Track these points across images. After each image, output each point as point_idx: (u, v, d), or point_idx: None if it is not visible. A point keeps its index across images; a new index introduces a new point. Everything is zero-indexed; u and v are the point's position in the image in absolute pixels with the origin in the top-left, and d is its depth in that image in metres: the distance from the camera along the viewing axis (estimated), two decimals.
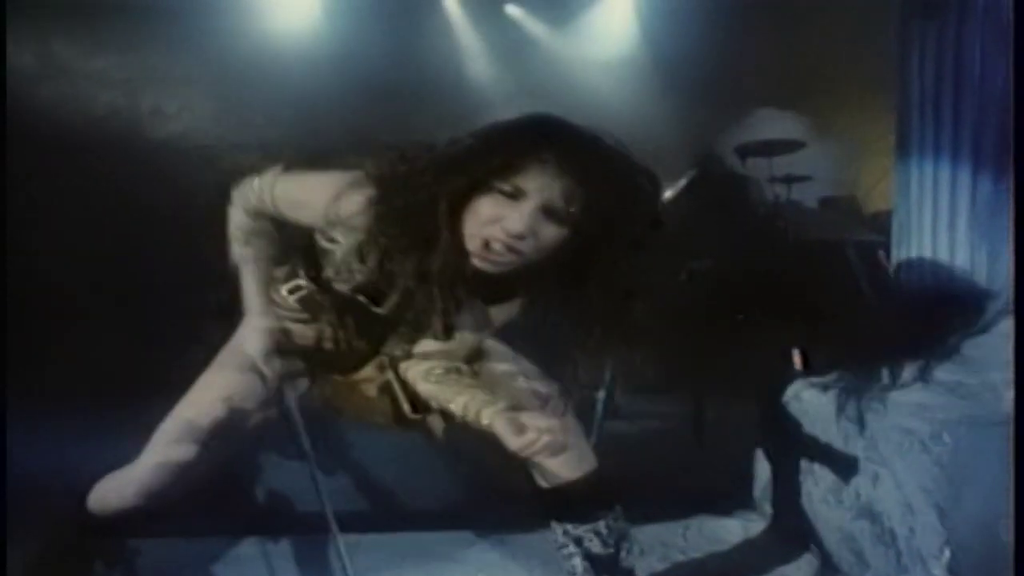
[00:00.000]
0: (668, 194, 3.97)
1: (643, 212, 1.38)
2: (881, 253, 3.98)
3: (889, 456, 1.65)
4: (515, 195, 1.19)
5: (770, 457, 2.19)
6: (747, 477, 2.39)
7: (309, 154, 1.53)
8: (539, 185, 1.19)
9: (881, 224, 4.60)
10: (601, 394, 3.53)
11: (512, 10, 5.55)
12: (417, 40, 5.05)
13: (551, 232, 1.21)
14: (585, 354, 1.46)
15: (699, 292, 3.93)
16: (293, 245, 1.54)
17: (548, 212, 1.20)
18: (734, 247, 4.05)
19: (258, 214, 1.48)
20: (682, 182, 3.95)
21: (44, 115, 4.24)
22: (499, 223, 1.19)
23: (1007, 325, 1.54)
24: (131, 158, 4.50)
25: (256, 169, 1.51)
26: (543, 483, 1.54)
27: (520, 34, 5.62)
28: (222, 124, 4.79)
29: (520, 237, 1.18)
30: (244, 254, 1.54)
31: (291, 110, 4.70)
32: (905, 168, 1.93)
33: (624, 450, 3.26)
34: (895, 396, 1.72)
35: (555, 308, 1.44)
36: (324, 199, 1.30)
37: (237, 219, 1.52)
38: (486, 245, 1.20)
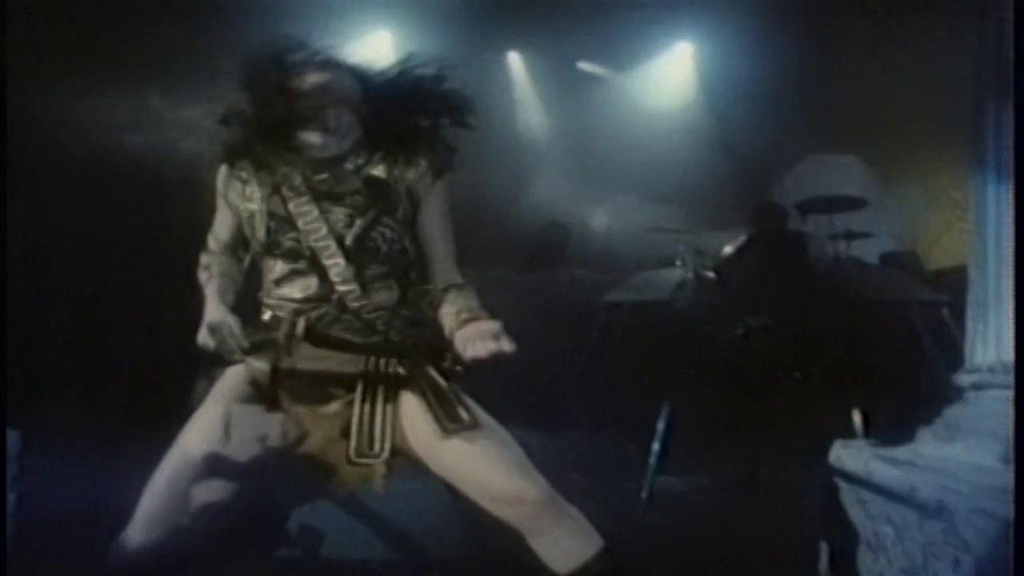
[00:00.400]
0: (728, 249, 4.00)
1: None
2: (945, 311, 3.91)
3: (971, 541, 1.61)
4: None
5: (834, 530, 2.13)
6: (808, 549, 2.29)
7: None
8: None
9: (944, 283, 4.53)
10: (656, 446, 3.53)
11: (583, 65, 5.77)
12: (479, 91, 5.24)
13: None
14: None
15: (756, 348, 3.92)
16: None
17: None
18: (793, 304, 4.04)
19: None
20: (742, 238, 3.97)
21: (134, 162, 4.55)
22: None
23: None
24: (209, 203, 4.77)
25: None
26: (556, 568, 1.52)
27: (583, 84, 5.81)
28: None
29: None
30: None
31: None
32: (981, 229, 1.89)
33: (675, 509, 3.26)
34: (974, 477, 1.69)
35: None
36: None
37: None
38: None
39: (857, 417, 3.52)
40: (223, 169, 1.74)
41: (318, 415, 1.58)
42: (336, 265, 1.56)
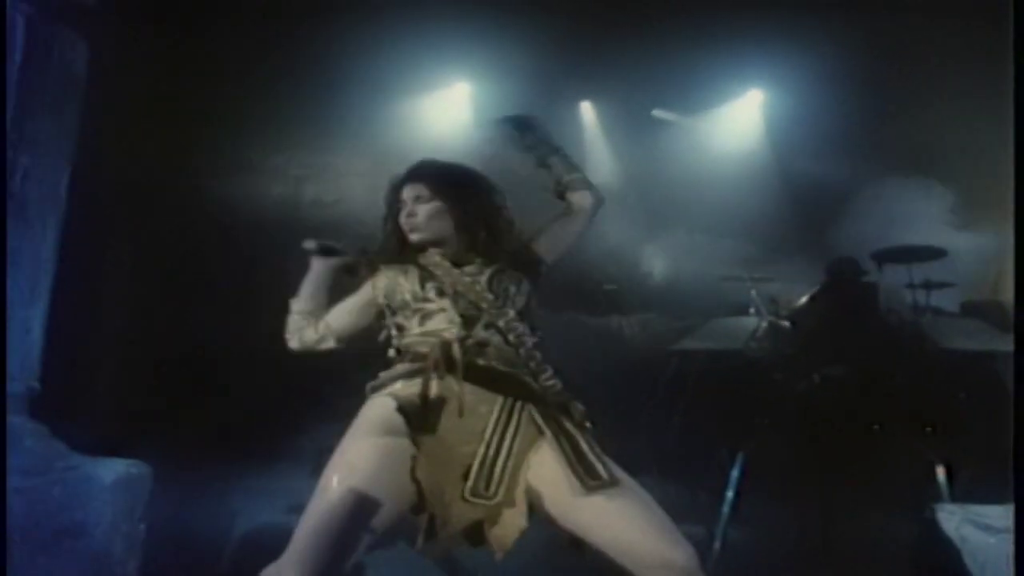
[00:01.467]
0: (802, 299, 4.03)
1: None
2: None
3: None
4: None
5: None
6: None
7: None
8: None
9: None
10: (729, 495, 3.54)
11: (657, 112, 5.93)
12: (559, 138, 5.44)
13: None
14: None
15: (831, 398, 3.90)
16: None
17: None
18: (868, 354, 4.01)
19: None
20: (816, 288, 3.99)
21: (225, 204, 4.88)
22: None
23: None
24: (290, 244, 5.07)
25: None
26: None
27: (653, 131, 5.95)
28: (373, 214, 5.32)
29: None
30: None
31: None
32: None
33: (747, 559, 3.26)
34: None
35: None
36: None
37: None
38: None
39: (941, 473, 3.47)
40: (380, 276, 1.88)
41: (450, 453, 1.61)
42: (484, 297, 1.74)
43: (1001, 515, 1.83)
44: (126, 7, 2.29)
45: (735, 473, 3.64)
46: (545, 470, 1.59)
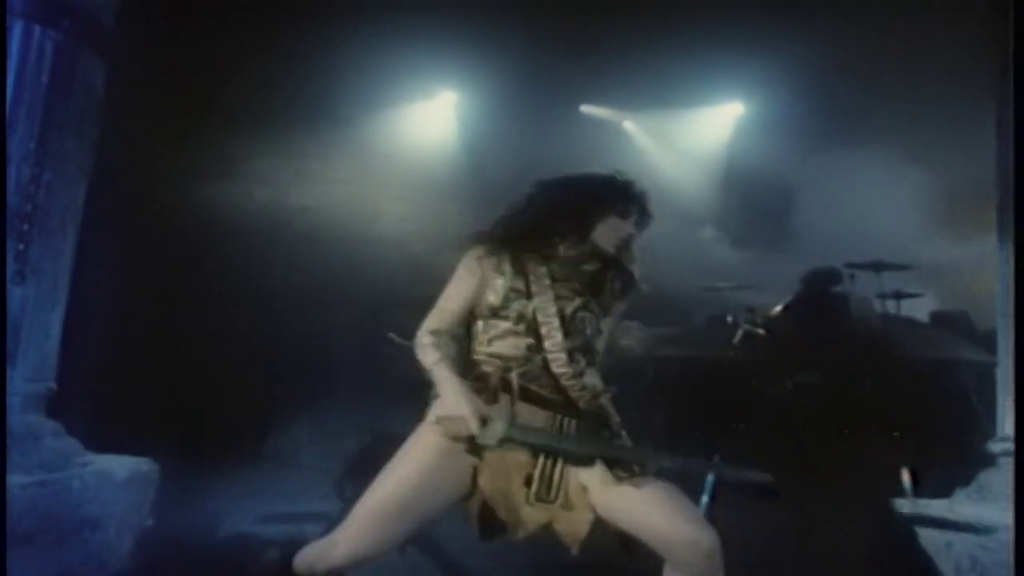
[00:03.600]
0: (777, 309, 4.28)
1: None
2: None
3: None
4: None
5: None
6: None
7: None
8: None
9: (995, 343, 4.69)
10: (704, 499, 3.76)
11: (629, 125, 6.21)
12: (542, 147, 5.66)
13: None
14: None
15: (804, 404, 4.13)
16: None
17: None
18: (841, 362, 4.26)
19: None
20: (790, 298, 4.24)
21: (209, 209, 5.03)
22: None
23: None
24: (275, 248, 5.23)
25: None
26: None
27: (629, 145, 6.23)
28: (356, 219, 5.50)
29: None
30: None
31: (420, 208, 5.37)
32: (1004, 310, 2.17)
33: (723, 562, 3.45)
34: (1004, 535, 1.94)
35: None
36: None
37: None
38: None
39: (906, 476, 3.72)
40: (479, 249, 1.97)
41: (508, 461, 1.83)
42: (553, 334, 1.87)
43: (941, 508, 2.11)
44: (140, 30, 2.47)
45: (710, 478, 3.87)
46: (586, 469, 1.83)
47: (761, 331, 4.36)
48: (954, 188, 5.38)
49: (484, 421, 1.79)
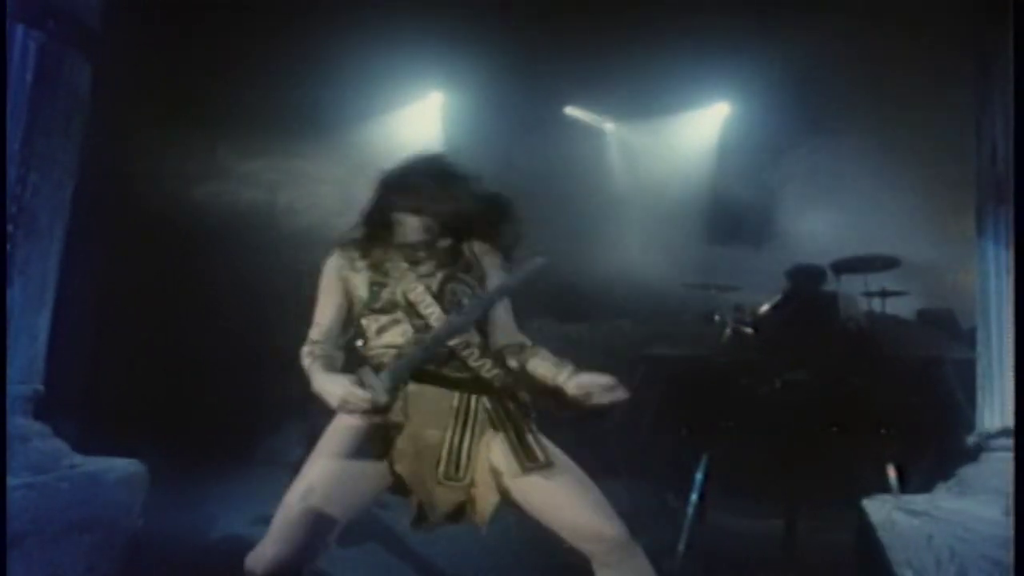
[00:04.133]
0: (764, 308, 4.32)
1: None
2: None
3: None
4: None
5: None
6: None
7: None
8: None
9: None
10: (693, 496, 3.80)
11: (614, 126, 6.26)
12: (528, 148, 5.70)
13: None
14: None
15: (792, 402, 4.18)
16: None
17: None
18: (828, 360, 4.31)
19: None
20: (778, 296, 4.28)
21: (198, 210, 5.03)
22: None
23: None
24: (264, 249, 5.24)
25: None
26: None
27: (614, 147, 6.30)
28: (345, 220, 5.51)
29: None
30: None
31: None
32: (984, 306, 2.22)
33: (712, 559, 3.50)
34: (982, 528, 1.99)
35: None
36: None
37: None
38: None
39: (892, 472, 3.77)
40: (334, 256, 2.07)
41: (419, 445, 1.85)
42: (432, 311, 1.92)
43: (923, 502, 2.16)
44: (125, 31, 2.48)
45: (699, 475, 3.90)
46: (498, 452, 1.87)
47: (749, 330, 4.40)
48: (938, 186, 5.45)
49: (361, 384, 1.82)
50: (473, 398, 1.91)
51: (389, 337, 1.94)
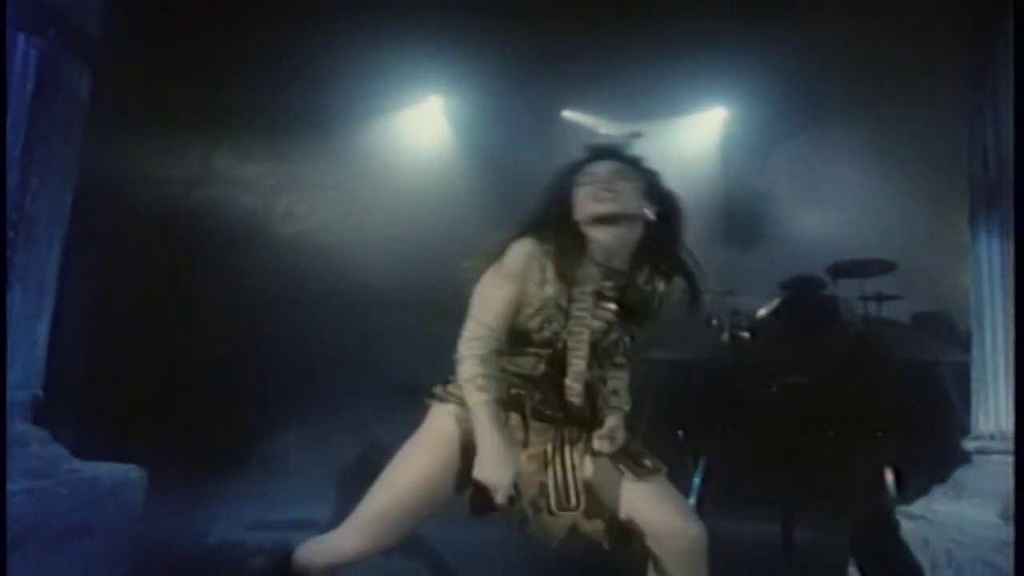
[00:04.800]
0: (762, 312, 4.33)
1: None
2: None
3: None
4: None
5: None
6: None
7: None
8: None
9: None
10: (691, 500, 3.81)
11: (607, 130, 6.26)
12: (528, 151, 5.71)
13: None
14: None
15: (788, 406, 4.19)
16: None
17: None
18: (825, 364, 4.32)
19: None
20: (775, 301, 4.29)
21: (196, 215, 5.04)
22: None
23: None
24: (263, 254, 5.25)
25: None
26: None
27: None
28: (344, 224, 5.53)
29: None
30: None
31: (408, 212, 5.40)
32: (979, 311, 2.24)
33: (710, 563, 3.49)
34: (978, 531, 2.00)
35: None
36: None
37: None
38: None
39: (889, 476, 3.79)
40: (528, 250, 1.79)
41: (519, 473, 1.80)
42: (577, 362, 1.81)
43: (919, 505, 2.18)
44: (124, 38, 2.50)
45: (697, 479, 3.92)
46: (600, 474, 1.83)
47: (746, 334, 4.42)
48: (935, 190, 5.48)
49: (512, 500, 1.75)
50: (565, 430, 1.85)
51: (517, 364, 1.83)
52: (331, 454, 4.24)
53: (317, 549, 1.80)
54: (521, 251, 1.78)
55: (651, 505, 1.80)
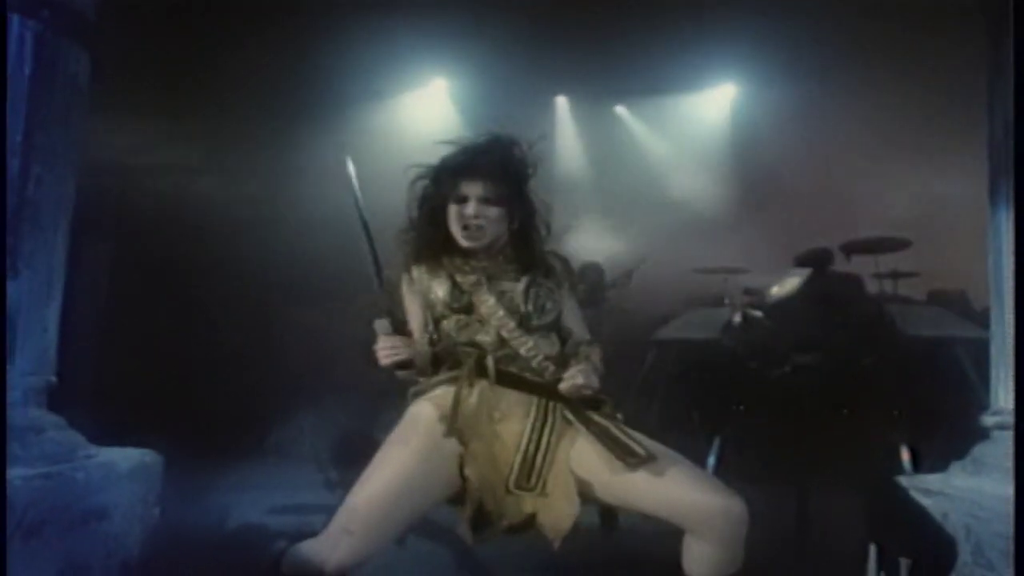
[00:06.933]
0: (775, 289, 4.30)
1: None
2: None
3: (996, 561, 1.90)
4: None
5: (882, 558, 2.41)
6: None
7: None
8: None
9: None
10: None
11: (619, 110, 6.22)
12: (534, 133, 5.67)
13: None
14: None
15: (804, 385, 4.18)
16: None
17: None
18: (840, 342, 4.30)
19: None
20: (791, 279, 4.26)
21: (205, 201, 5.05)
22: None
23: None
24: (273, 239, 5.25)
25: None
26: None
27: (621, 132, 6.27)
28: (349, 212, 5.52)
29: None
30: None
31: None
32: (998, 284, 2.20)
33: None
34: (997, 506, 1.99)
35: None
36: None
37: None
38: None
39: (905, 454, 3.77)
40: (405, 277, 1.98)
41: (494, 450, 1.80)
42: (505, 324, 1.88)
43: (939, 483, 2.16)
44: (123, 20, 2.48)
45: (712, 459, 3.91)
46: (587, 460, 1.81)
47: (759, 313, 4.40)
48: (952, 162, 5.42)
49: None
50: (552, 404, 1.85)
51: (471, 336, 1.90)
52: (344, 440, 4.26)
53: (314, 553, 1.70)
54: (403, 284, 1.99)
55: (688, 489, 1.73)
